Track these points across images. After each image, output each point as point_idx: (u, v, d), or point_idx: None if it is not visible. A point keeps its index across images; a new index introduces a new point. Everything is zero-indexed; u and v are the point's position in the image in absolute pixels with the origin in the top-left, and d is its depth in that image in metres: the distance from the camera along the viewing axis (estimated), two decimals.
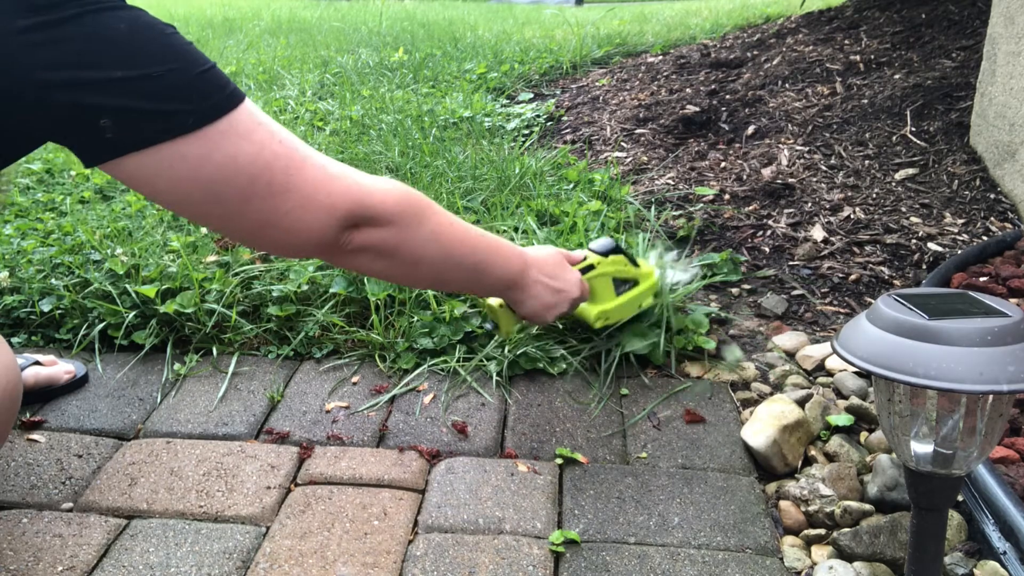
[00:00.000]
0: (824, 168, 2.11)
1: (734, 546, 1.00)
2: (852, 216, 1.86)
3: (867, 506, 1.02)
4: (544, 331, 1.43)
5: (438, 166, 2.17)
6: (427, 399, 1.30)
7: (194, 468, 1.13)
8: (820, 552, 0.98)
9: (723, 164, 2.22)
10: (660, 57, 3.62)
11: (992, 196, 1.90)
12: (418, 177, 2.09)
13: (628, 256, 1.31)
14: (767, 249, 1.76)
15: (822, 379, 1.34)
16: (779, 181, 2.03)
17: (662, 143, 2.46)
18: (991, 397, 0.73)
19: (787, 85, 2.76)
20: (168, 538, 0.99)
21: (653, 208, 1.96)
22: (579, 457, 1.15)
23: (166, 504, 1.06)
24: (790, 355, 1.41)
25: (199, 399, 1.30)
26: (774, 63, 3.04)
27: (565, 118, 2.87)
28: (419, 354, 1.40)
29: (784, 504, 1.06)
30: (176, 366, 1.38)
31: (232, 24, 5.40)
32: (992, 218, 1.83)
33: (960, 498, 1.00)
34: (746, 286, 1.64)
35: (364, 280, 1.52)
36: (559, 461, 1.15)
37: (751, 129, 2.44)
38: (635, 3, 7.29)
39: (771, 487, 1.10)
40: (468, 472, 1.12)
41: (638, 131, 2.57)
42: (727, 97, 2.74)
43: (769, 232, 1.82)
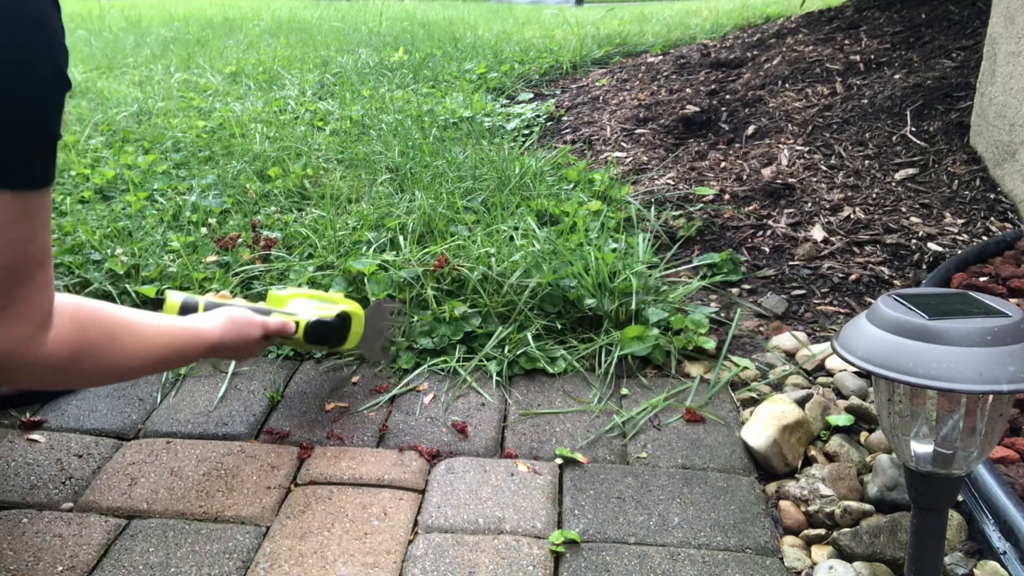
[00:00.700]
0: (824, 168, 2.11)
1: (734, 546, 1.00)
2: (852, 216, 1.86)
3: (867, 506, 1.02)
4: (544, 332, 1.43)
5: (438, 166, 2.17)
6: (427, 399, 1.30)
7: (194, 468, 1.13)
8: (820, 552, 0.98)
9: (723, 164, 2.22)
10: (660, 57, 3.62)
11: (992, 196, 1.90)
12: (418, 177, 2.09)
13: (336, 342, 1.28)
14: (767, 249, 1.76)
15: (822, 379, 1.33)
16: (779, 181, 2.03)
17: (662, 143, 2.46)
18: (991, 397, 0.73)
19: (787, 85, 2.76)
20: (168, 538, 0.99)
21: (653, 208, 1.96)
22: (579, 457, 1.15)
23: (166, 504, 1.06)
24: (790, 355, 1.41)
25: (199, 399, 1.30)
26: (774, 63, 3.04)
27: (565, 118, 2.87)
28: (419, 354, 1.40)
29: (784, 504, 1.06)
30: None
31: (232, 24, 5.40)
32: (992, 218, 1.83)
33: (960, 498, 1.00)
34: (746, 286, 1.64)
35: (364, 280, 1.52)
36: (559, 461, 1.15)
37: (751, 129, 2.44)
38: (635, 3, 7.28)
39: (771, 487, 1.10)
40: (468, 472, 1.12)
41: (638, 131, 2.57)
42: (727, 97, 2.74)
43: (769, 232, 1.82)
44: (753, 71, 3.02)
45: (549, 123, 2.84)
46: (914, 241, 1.75)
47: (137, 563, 0.95)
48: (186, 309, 1.15)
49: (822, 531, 1.01)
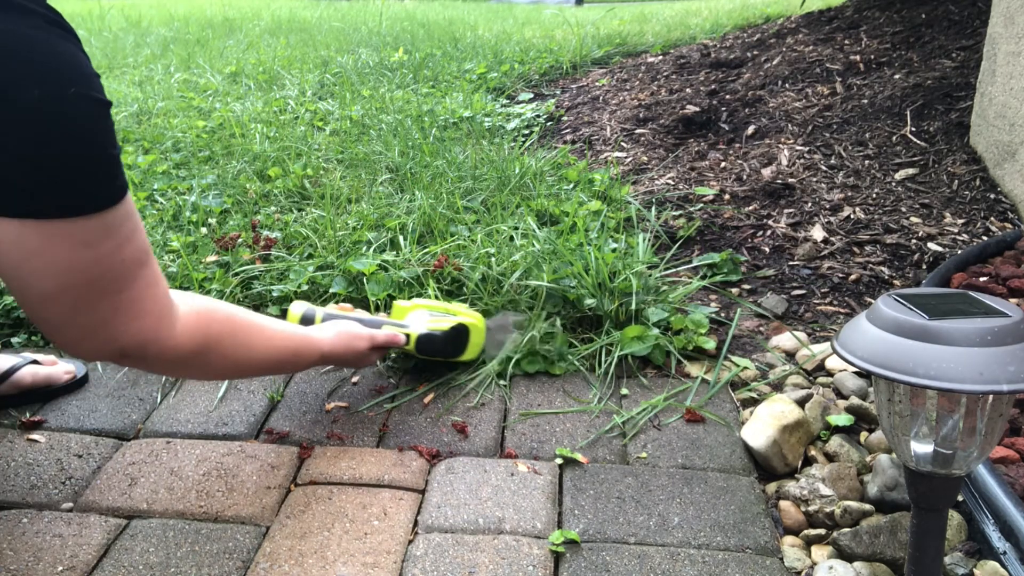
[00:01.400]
0: (824, 168, 2.11)
1: (734, 546, 1.00)
2: (852, 216, 1.86)
3: (867, 506, 1.02)
4: (546, 333, 1.43)
5: (438, 166, 2.17)
6: (427, 399, 1.30)
7: (194, 468, 1.13)
8: (820, 552, 0.98)
9: (723, 164, 2.22)
10: (660, 57, 3.62)
11: (992, 196, 1.90)
12: (418, 177, 2.09)
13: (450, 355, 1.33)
14: (767, 249, 1.76)
15: (822, 379, 1.34)
16: (779, 181, 2.03)
17: (662, 143, 2.46)
18: (991, 397, 0.73)
19: (787, 85, 2.76)
20: (168, 538, 0.99)
21: (653, 208, 1.96)
22: (579, 457, 1.15)
23: (166, 504, 1.06)
24: (790, 355, 1.41)
25: (199, 399, 1.30)
26: (774, 63, 3.04)
27: (565, 118, 2.87)
28: None
29: (784, 504, 1.06)
30: None
31: (232, 24, 5.40)
32: (992, 218, 1.83)
33: (960, 498, 1.00)
34: (746, 286, 1.64)
35: (364, 280, 1.52)
36: (559, 461, 1.15)
37: (751, 129, 2.45)
38: (635, 3, 7.29)
39: (771, 487, 1.10)
40: (468, 472, 1.12)
41: (638, 131, 2.57)
42: (727, 97, 2.74)
43: (769, 232, 1.82)
44: (753, 71, 3.02)
45: (549, 123, 2.84)
46: (914, 241, 1.75)
47: (137, 563, 0.95)
48: (305, 321, 1.26)
49: (822, 531, 1.01)
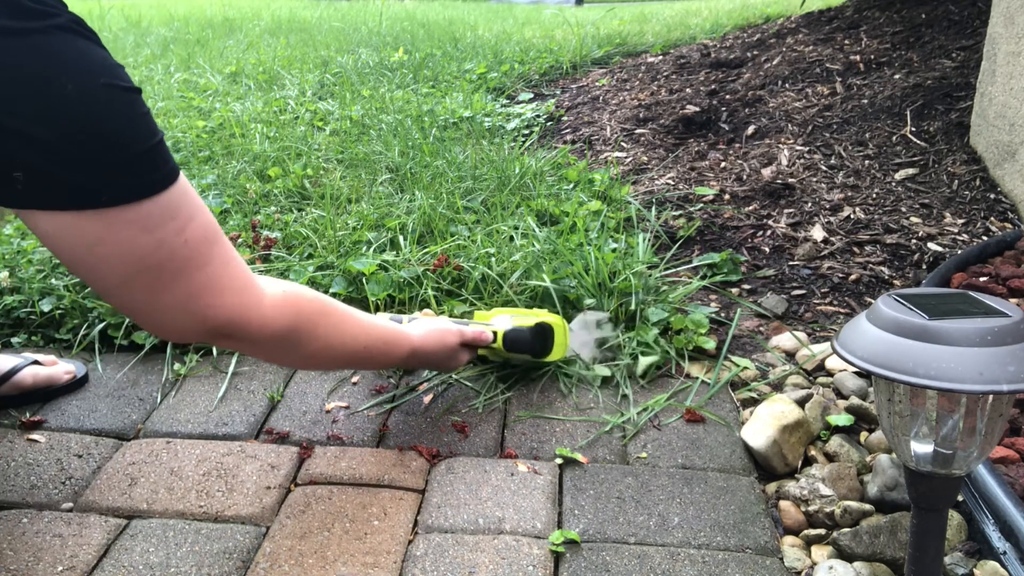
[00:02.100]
0: (824, 168, 2.11)
1: (734, 546, 1.00)
2: (852, 216, 1.86)
3: (867, 506, 1.02)
4: None
5: (438, 166, 2.17)
6: (427, 399, 1.30)
7: (194, 468, 1.13)
8: (820, 552, 0.98)
9: (723, 164, 2.22)
10: (660, 57, 3.62)
11: (992, 196, 1.90)
12: (418, 177, 2.09)
13: (539, 353, 1.31)
14: (767, 249, 1.76)
15: (822, 379, 1.34)
16: (779, 181, 2.03)
17: (662, 143, 2.46)
18: (991, 397, 0.73)
19: (787, 85, 2.76)
20: (168, 538, 0.99)
21: (653, 208, 1.96)
22: (579, 457, 1.15)
23: (166, 504, 1.06)
24: (790, 355, 1.41)
25: (199, 399, 1.30)
26: (774, 63, 3.04)
27: (565, 118, 2.87)
28: None
29: (784, 504, 1.06)
30: (176, 366, 1.38)
31: (232, 24, 5.40)
32: (992, 218, 1.83)
33: (960, 498, 1.00)
34: (746, 286, 1.64)
35: (364, 280, 1.52)
36: (559, 461, 1.15)
37: (751, 129, 2.45)
38: (635, 3, 7.29)
39: (771, 487, 1.10)
40: (468, 472, 1.12)
41: (638, 131, 2.57)
42: (727, 97, 2.74)
43: (769, 232, 1.82)
44: (753, 71, 3.02)
45: (549, 123, 2.84)
46: (914, 241, 1.75)
47: (137, 563, 0.95)
48: None
49: (822, 531, 1.01)
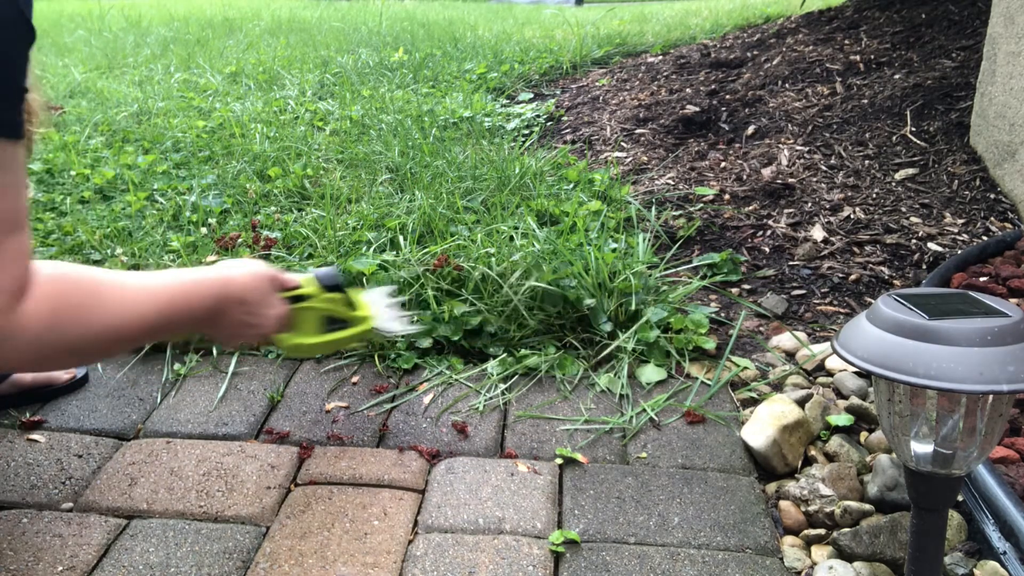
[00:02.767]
0: (824, 168, 2.11)
1: (734, 546, 1.00)
2: (852, 216, 1.86)
3: (867, 506, 1.02)
4: (544, 331, 1.43)
5: (438, 166, 2.17)
6: (427, 399, 1.30)
7: (194, 468, 1.13)
8: (820, 552, 0.98)
9: (723, 164, 2.22)
10: (660, 57, 3.62)
11: (992, 196, 1.90)
12: (418, 177, 2.09)
13: (348, 297, 1.17)
14: (767, 249, 1.76)
15: (822, 379, 1.33)
16: (779, 181, 2.03)
17: (662, 143, 2.46)
18: (991, 397, 0.73)
19: (787, 85, 2.76)
20: (168, 538, 0.99)
21: (653, 208, 1.96)
22: (579, 457, 1.15)
23: (166, 504, 1.06)
24: (790, 355, 1.41)
25: (199, 399, 1.30)
26: (774, 63, 3.04)
27: (565, 118, 2.87)
28: (419, 354, 1.40)
29: (784, 504, 1.06)
30: (176, 366, 1.38)
31: (232, 24, 5.40)
32: (992, 218, 1.83)
33: (960, 498, 1.00)
34: (746, 286, 1.64)
35: (364, 281, 1.52)
36: (559, 461, 1.15)
37: (751, 129, 2.44)
38: (635, 3, 7.28)
39: (771, 487, 1.10)
40: (468, 472, 1.12)
41: (638, 131, 2.57)
42: (727, 97, 2.74)
43: (769, 232, 1.82)
44: (753, 71, 3.02)
45: (549, 123, 2.84)
46: (914, 241, 1.75)
47: (137, 563, 0.95)
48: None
49: (822, 531, 1.01)
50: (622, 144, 2.49)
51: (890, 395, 0.77)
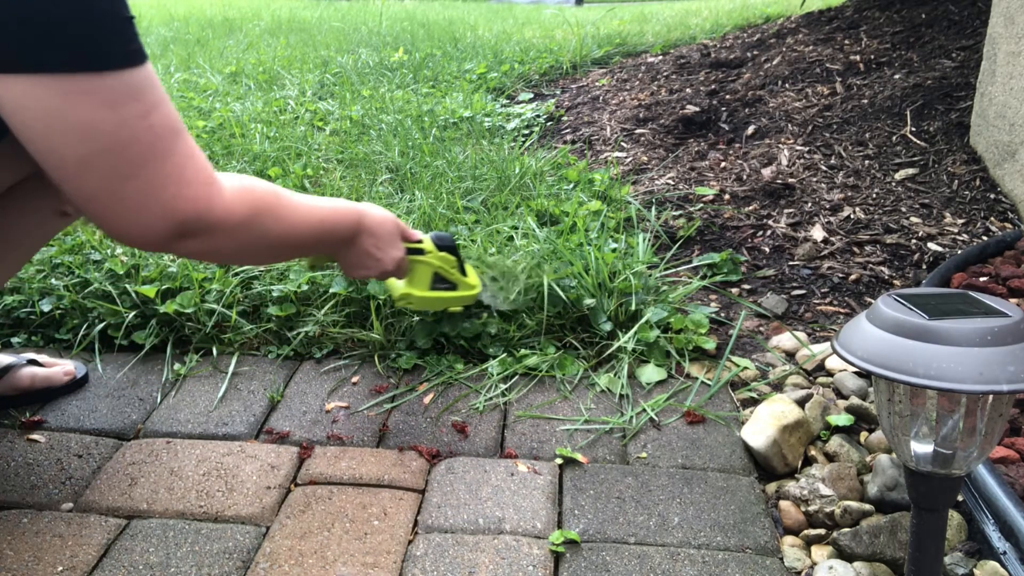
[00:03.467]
0: (824, 168, 2.11)
1: (734, 546, 1.00)
2: (852, 216, 1.86)
3: (867, 506, 1.02)
4: (544, 331, 1.43)
5: (438, 166, 2.17)
6: (427, 399, 1.30)
7: (194, 468, 1.13)
8: (820, 552, 0.98)
9: (723, 164, 2.22)
10: (660, 57, 3.62)
11: (992, 196, 1.90)
12: (418, 177, 2.09)
13: (460, 261, 1.30)
14: (767, 249, 1.76)
15: (822, 379, 1.33)
16: (779, 181, 2.03)
17: (662, 143, 2.46)
18: (991, 397, 0.73)
19: (787, 85, 2.76)
20: (168, 538, 0.99)
21: (653, 208, 1.96)
22: (579, 457, 1.15)
23: (166, 504, 1.06)
24: (790, 355, 1.41)
25: (199, 399, 1.30)
26: (774, 63, 3.04)
27: (565, 118, 2.87)
28: (419, 354, 1.40)
29: (784, 504, 1.06)
30: (176, 366, 1.38)
31: (232, 24, 5.40)
32: (992, 218, 1.83)
33: (960, 498, 1.00)
34: (746, 286, 1.64)
35: (364, 280, 1.52)
36: (559, 461, 1.15)
37: (751, 129, 2.44)
38: (635, 3, 7.28)
39: (771, 487, 1.10)
40: (468, 472, 1.12)
41: (638, 131, 2.57)
42: (727, 97, 2.74)
43: (769, 232, 1.82)
44: (753, 71, 3.02)
45: (549, 123, 2.84)
46: (914, 241, 1.75)
47: (137, 563, 0.95)
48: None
49: (822, 531, 1.01)
50: (622, 144, 2.49)
51: (890, 395, 0.77)
